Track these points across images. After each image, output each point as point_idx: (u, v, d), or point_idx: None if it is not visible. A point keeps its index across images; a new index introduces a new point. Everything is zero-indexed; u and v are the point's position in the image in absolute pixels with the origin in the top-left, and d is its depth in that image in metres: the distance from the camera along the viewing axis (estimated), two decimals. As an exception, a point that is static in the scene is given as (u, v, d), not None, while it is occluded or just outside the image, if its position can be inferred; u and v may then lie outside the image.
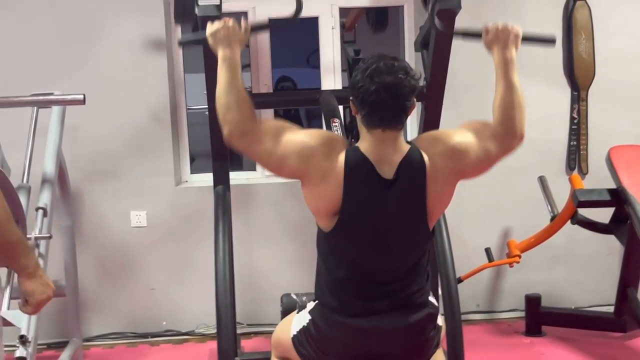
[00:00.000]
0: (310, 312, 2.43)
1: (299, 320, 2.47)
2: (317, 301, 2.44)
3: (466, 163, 2.34)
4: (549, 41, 2.80)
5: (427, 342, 2.41)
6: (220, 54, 2.39)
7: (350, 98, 2.34)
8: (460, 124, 2.46)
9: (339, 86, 4.56)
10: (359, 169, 2.27)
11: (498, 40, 2.48)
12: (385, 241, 2.31)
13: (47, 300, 2.00)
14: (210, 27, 2.41)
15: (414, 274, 2.37)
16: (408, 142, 2.35)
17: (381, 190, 2.28)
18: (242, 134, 2.31)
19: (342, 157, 2.28)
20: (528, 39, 2.59)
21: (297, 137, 2.30)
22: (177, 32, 4.54)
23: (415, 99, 2.31)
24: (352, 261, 2.34)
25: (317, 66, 4.69)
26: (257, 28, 2.53)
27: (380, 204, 2.29)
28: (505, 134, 2.40)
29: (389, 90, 2.23)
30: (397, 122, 2.29)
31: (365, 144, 2.31)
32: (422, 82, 3.84)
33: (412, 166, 2.29)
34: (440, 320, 2.48)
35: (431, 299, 2.43)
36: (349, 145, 2.33)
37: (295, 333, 2.46)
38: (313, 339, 2.40)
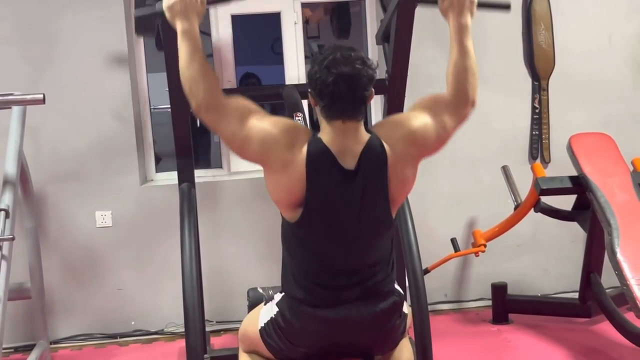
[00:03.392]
0: (277, 304, 2.42)
1: (267, 312, 2.46)
2: (283, 293, 2.43)
3: (427, 145, 2.36)
4: (504, 7, 2.77)
5: (394, 330, 2.42)
6: (179, 27, 2.33)
7: (308, 90, 2.32)
8: (415, 104, 2.46)
9: (302, 81, 4.56)
10: (321, 161, 2.26)
11: (453, 6, 2.46)
12: (350, 231, 2.31)
13: None
14: (166, 1, 2.33)
15: (380, 263, 2.37)
16: (368, 131, 2.33)
17: (343, 181, 2.27)
18: (209, 107, 2.29)
19: (304, 150, 2.26)
20: (483, 5, 2.57)
21: (261, 125, 2.28)
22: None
23: (373, 89, 2.31)
24: (319, 253, 2.33)
25: (281, 57, 4.68)
26: (213, 1, 2.50)
27: (343, 196, 2.28)
28: (458, 102, 2.41)
29: (347, 80, 2.22)
30: (357, 112, 2.28)
31: (326, 136, 2.29)
32: (383, 75, 3.86)
33: (373, 156, 2.28)
34: (406, 308, 2.49)
35: (396, 286, 2.44)
36: (312, 135, 2.32)
37: (262, 325, 2.45)
38: (282, 330, 2.38)
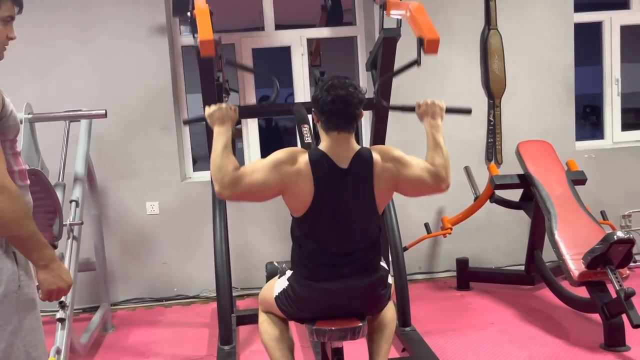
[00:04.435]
0: (288, 279, 2.42)
1: (280, 284, 2.46)
2: (292, 271, 2.43)
3: (404, 174, 2.36)
4: (466, 111, 2.84)
5: (380, 298, 2.42)
6: (216, 129, 2.40)
7: (312, 109, 2.36)
8: (413, 158, 2.43)
9: (307, 99, 4.56)
10: (321, 162, 2.28)
11: (427, 112, 2.56)
12: (345, 220, 2.31)
13: (59, 291, 1.84)
14: (208, 110, 2.43)
15: (370, 246, 2.37)
16: (362, 147, 2.36)
17: (339, 177, 2.29)
18: (229, 186, 2.27)
19: (305, 157, 2.29)
20: (450, 110, 2.65)
21: (266, 160, 2.30)
22: (180, 58, 4.51)
23: (362, 109, 2.33)
24: (320, 239, 2.33)
25: (291, 79, 4.68)
26: (244, 112, 2.53)
27: (339, 189, 2.29)
28: (436, 181, 2.41)
29: (342, 101, 2.26)
30: (349, 126, 2.31)
31: (324, 144, 2.33)
32: (370, 95, 3.86)
33: (362, 159, 2.31)
34: (390, 280, 2.49)
35: (382, 264, 2.44)
36: (311, 148, 2.36)
37: (277, 294, 2.45)
38: (291, 299, 2.39)
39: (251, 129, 4.67)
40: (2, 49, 1.89)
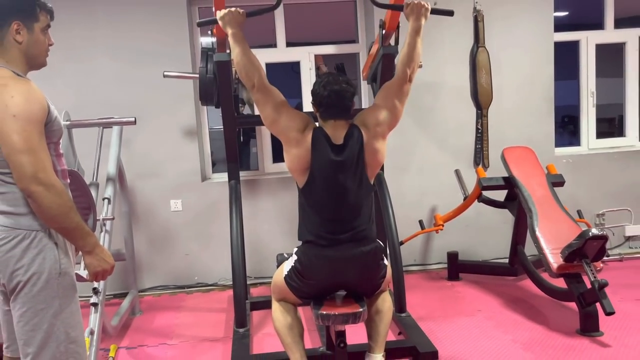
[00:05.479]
0: (295, 253, 2.46)
1: (289, 263, 2.49)
2: (300, 243, 2.47)
3: (387, 123, 2.46)
4: (449, 13, 2.73)
5: (376, 270, 2.44)
6: (229, 31, 2.49)
7: (311, 101, 2.46)
8: (375, 97, 2.56)
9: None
10: (320, 139, 2.38)
11: (413, 12, 2.56)
12: (341, 187, 2.37)
13: (103, 272, 1.89)
14: (219, 13, 2.50)
15: (363, 215, 2.41)
16: (352, 124, 2.44)
17: (335, 151, 2.37)
18: (260, 88, 2.43)
19: (311, 133, 2.38)
20: (435, 12, 2.63)
21: (287, 114, 2.41)
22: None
23: (354, 101, 2.43)
24: (320, 206, 2.39)
25: (299, 89, 4.69)
26: (250, 14, 2.56)
27: (335, 162, 2.37)
28: (400, 80, 2.50)
29: (337, 94, 2.38)
30: (343, 115, 2.42)
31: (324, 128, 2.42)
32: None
33: (353, 136, 2.40)
34: (386, 261, 2.51)
35: (377, 240, 2.47)
36: (317, 125, 2.44)
37: (286, 273, 2.48)
38: (299, 272, 2.42)
39: (265, 134, 4.68)
40: (46, 55, 1.95)
